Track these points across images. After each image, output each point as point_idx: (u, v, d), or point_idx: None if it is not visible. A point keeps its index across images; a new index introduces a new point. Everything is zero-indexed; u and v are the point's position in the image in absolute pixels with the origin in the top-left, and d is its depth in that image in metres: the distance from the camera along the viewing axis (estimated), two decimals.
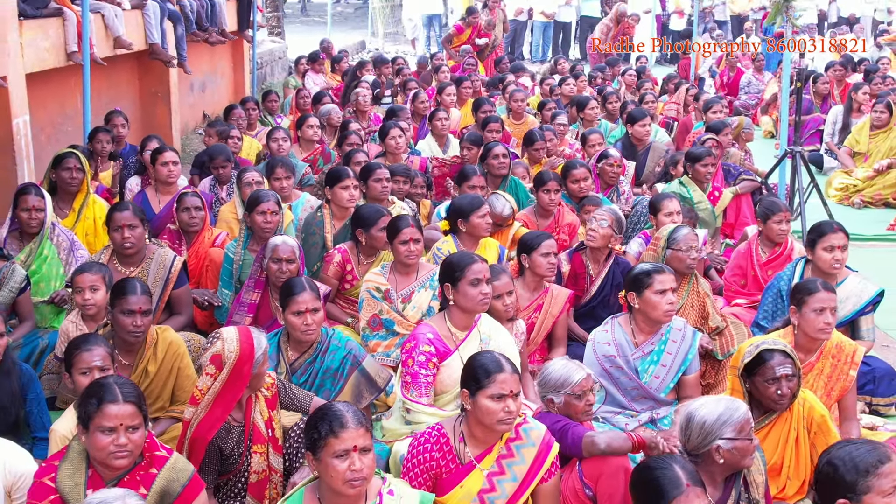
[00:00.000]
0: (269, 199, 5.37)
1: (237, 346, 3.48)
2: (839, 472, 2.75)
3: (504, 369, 3.28)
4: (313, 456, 2.89)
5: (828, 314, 4.12)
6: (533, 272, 4.97)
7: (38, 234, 5.48)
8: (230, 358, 3.46)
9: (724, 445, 3.17)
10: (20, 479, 3.36)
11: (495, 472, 3.33)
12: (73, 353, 3.72)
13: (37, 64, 7.82)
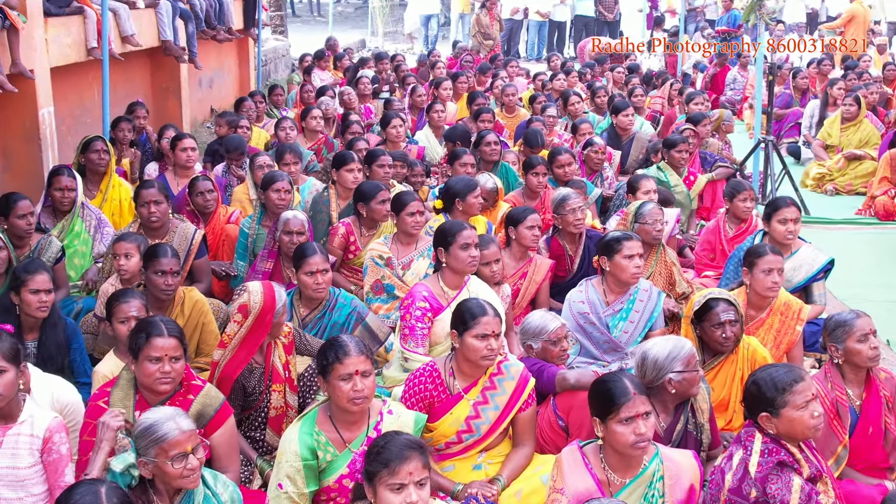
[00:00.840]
0: (282, 179, 5.96)
1: (261, 297, 4.04)
2: (762, 390, 3.31)
3: (487, 313, 3.84)
4: (324, 379, 3.46)
5: (775, 274, 4.69)
6: (519, 243, 5.53)
7: (69, 212, 6.07)
8: (255, 308, 4.02)
9: (675, 377, 3.72)
10: (67, 407, 3.91)
11: (480, 401, 3.89)
12: (112, 305, 4.28)
13: (60, 59, 8.38)
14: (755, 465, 3.21)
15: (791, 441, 3.28)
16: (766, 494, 3.16)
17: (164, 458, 2.99)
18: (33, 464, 3.50)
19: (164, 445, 2.99)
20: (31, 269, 4.47)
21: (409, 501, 2.84)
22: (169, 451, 2.99)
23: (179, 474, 2.99)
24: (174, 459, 2.99)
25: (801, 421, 3.25)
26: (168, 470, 2.99)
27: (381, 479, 2.85)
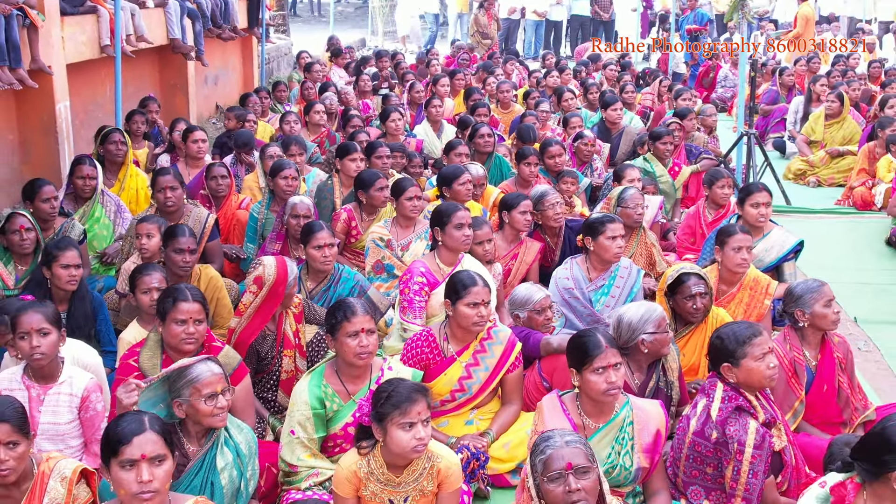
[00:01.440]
0: (290, 167, 6.38)
1: (275, 270, 4.45)
2: (724, 343, 3.72)
3: (477, 283, 4.25)
4: (332, 337, 3.88)
5: (744, 252, 5.10)
6: (511, 226, 5.94)
7: (90, 199, 6.48)
8: (269, 280, 4.43)
9: (647, 338, 4.14)
10: (88, 368, 4.25)
11: (471, 363, 4.30)
12: (136, 277, 4.69)
13: (75, 56, 8.79)
14: (716, 410, 3.63)
15: (749, 390, 3.69)
16: (725, 435, 3.57)
17: (198, 396, 3.39)
18: (72, 420, 3.91)
19: (198, 385, 3.39)
20: (62, 246, 4.89)
21: (418, 437, 3.24)
22: (202, 390, 3.39)
23: (210, 412, 3.40)
24: (206, 398, 3.39)
25: (759, 371, 3.66)
26: (200, 408, 3.39)
27: (393, 419, 3.25)
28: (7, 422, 3.14)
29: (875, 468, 2.94)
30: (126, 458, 2.86)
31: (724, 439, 3.58)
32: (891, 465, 2.91)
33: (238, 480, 3.52)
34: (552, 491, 2.87)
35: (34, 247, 5.41)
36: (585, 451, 2.93)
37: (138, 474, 2.85)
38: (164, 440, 2.93)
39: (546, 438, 2.97)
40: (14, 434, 3.15)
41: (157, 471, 2.87)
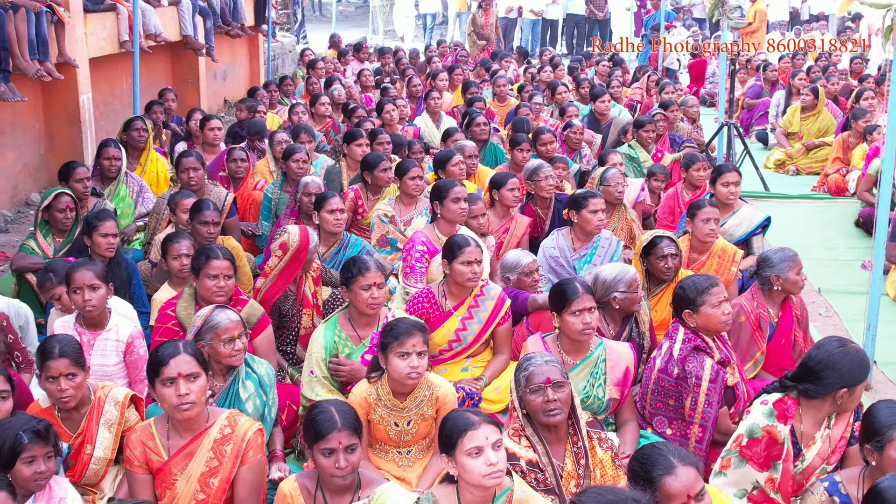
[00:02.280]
0: (301, 150, 6.96)
1: (298, 238, 5.02)
2: (686, 292, 4.29)
3: (471, 244, 4.81)
4: (347, 289, 4.45)
5: (712, 223, 5.68)
6: (501, 203, 6.50)
7: (115, 179, 7.06)
8: (293, 246, 4.99)
9: (619, 296, 4.71)
10: None
11: (466, 317, 4.87)
12: (168, 244, 5.26)
13: (97, 51, 9.38)
14: (678, 350, 4.20)
15: (706, 333, 4.26)
16: (685, 371, 4.15)
17: (217, 340, 3.95)
18: (118, 362, 4.48)
19: (218, 331, 3.95)
20: (101, 217, 5.46)
21: (412, 366, 3.81)
22: (221, 335, 3.95)
23: (228, 353, 3.96)
24: (225, 342, 3.95)
25: (715, 317, 4.23)
26: (220, 350, 3.95)
27: (392, 349, 3.82)
28: (66, 356, 3.70)
29: (816, 388, 3.52)
30: (166, 376, 3.42)
31: (683, 374, 4.15)
32: (833, 386, 3.49)
33: (262, 408, 4.08)
34: (533, 401, 3.44)
35: (73, 221, 5.98)
36: (561, 369, 3.50)
37: (177, 389, 3.41)
38: (197, 360, 3.50)
39: (528, 358, 3.55)
40: (72, 367, 3.71)
41: (192, 386, 3.43)
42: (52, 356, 3.65)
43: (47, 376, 3.66)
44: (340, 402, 3.45)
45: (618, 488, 2.94)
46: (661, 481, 2.77)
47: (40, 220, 6.00)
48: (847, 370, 3.49)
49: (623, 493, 2.60)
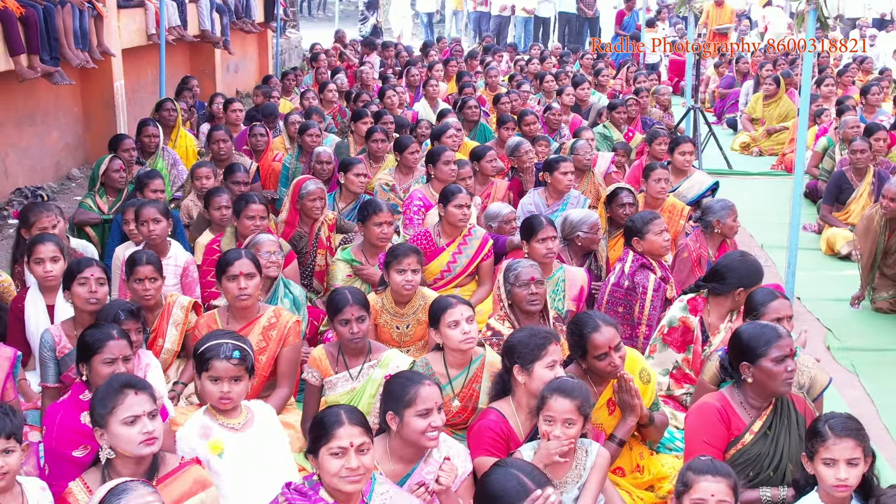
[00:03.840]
0: (314, 126, 8.06)
1: (293, 186, 6.11)
2: (634, 223, 5.30)
3: (462, 191, 5.88)
4: (363, 224, 5.54)
5: (662, 182, 6.76)
6: (482, 172, 7.56)
7: (153, 153, 8.13)
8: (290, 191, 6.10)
9: (581, 235, 5.79)
10: None
11: (456, 252, 5.94)
12: (210, 198, 6.31)
13: (128, 42, 10.47)
14: (628, 267, 5.28)
15: (651, 256, 5.33)
16: (633, 283, 5.21)
17: (259, 252, 4.99)
18: (175, 283, 5.54)
19: (259, 246, 5.01)
20: (151, 175, 6.55)
21: (407, 279, 4.87)
22: (261, 249, 5.00)
23: (266, 264, 4.99)
24: (265, 255, 5.00)
25: (657, 242, 5.30)
26: (260, 262, 5.01)
27: (392, 266, 4.89)
28: (151, 264, 4.76)
29: (720, 287, 4.60)
30: (231, 273, 4.48)
31: (632, 286, 5.23)
32: (732, 286, 4.56)
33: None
34: (519, 293, 4.53)
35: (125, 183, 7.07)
36: (541, 273, 4.60)
37: (238, 284, 4.47)
38: (254, 264, 4.57)
39: (517, 262, 4.66)
40: (154, 273, 4.77)
41: (250, 282, 4.49)
42: (140, 263, 4.71)
43: (135, 279, 4.71)
44: (353, 287, 4.54)
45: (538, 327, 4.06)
46: (589, 337, 3.84)
47: (97, 182, 7.08)
48: (745, 273, 4.58)
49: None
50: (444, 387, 4.09)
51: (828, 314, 6.51)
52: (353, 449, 2.97)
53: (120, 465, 3.16)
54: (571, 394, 3.42)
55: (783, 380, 3.53)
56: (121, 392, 3.19)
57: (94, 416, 3.21)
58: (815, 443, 3.14)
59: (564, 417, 3.40)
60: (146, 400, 3.20)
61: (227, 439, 3.42)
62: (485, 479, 2.85)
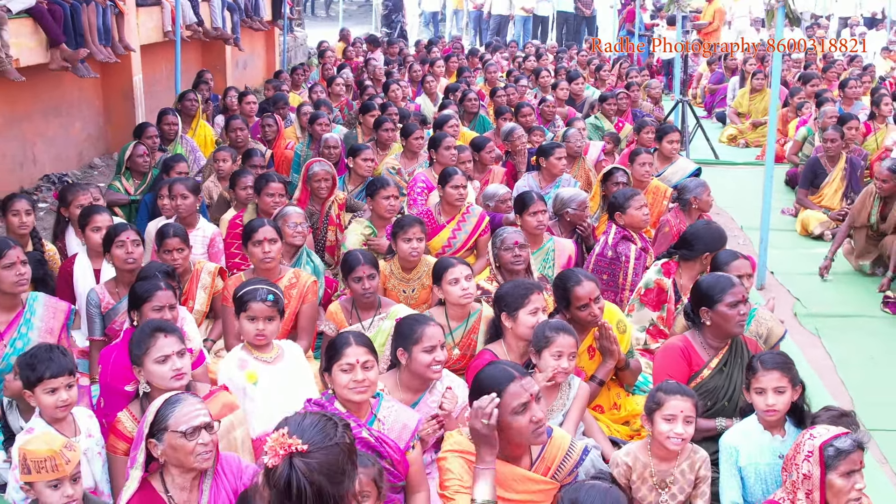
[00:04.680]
0: (324, 116, 8.64)
1: (304, 169, 6.68)
2: (616, 199, 5.92)
3: (458, 173, 6.46)
4: (371, 199, 6.12)
5: (647, 166, 7.34)
6: (482, 162, 8.13)
7: (173, 141, 8.71)
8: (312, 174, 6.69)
9: (570, 211, 6.36)
10: None
11: (456, 228, 6.51)
12: (236, 178, 6.85)
13: (145, 39, 11.03)
14: (612, 239, 5.85)
15: (632, 229, 5.91)
16: (616, 252, 5.79)
17: (285, 224, 5.55)
18: (203, 253, 6.12)
19: (286, 217, 5.59)
20: (177, 159, 7.14)
21: (413, 247, 5.44)
22: (288, 220, 5.58)
23: (292, 233, 5.56)
24: (290, 225, 5.58)
25: (638, 216, 5.88)
26: (286, 230, 5.55)
27: (399, 235, 5.46)
28: (178, 236, 5.33)
29: (689, 252, 5.18)
30: (255, 239, 5.05)
31: (615, 255, 5.81)
32: (700, 251, 5.13)
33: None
34: (504, 255, 5.11)
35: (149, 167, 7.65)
36: (525, 237, 5.17)
37: (263, 248, 5.04)
38: (276, 231, 5.14)
39: (503, 228, 5.23)
40: (181, 244, 5.34)
41: (272, 247, 5.05)
42: (168, 235, 5.28)
43: (164, 250, 5.29)
44: (364, 249, 5.12)
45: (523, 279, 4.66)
46: (572, 290, 4.42)
47: (123, 167, 7.66)
48: (710, 240, 5.15)
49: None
50: (446, 336, 4.66)
51: (797, 286, 7.08)
52: (359, 365, 3.50)
53: (156, 397, 3.70)
54: (573, 332, 4.01)
55: (736, 322, 4.11)
56: (152, 335, 3.75)
57: (132, 357, 3.78)
58: (749, 375, 3.71)
59: (570, 351, 3.96)
60: (175, 341, 3.76)
61: (260, 370, 4.00)
62: (477, 375, 3.40)
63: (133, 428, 3.69)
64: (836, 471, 2.98)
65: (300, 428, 2.35)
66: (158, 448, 3.20)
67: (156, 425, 3.21)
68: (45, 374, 3.61)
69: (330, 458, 2.28)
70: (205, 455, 3.19)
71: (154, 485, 3.25)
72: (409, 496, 3.62)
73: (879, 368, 5.65)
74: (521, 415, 3.16)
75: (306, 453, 2.28)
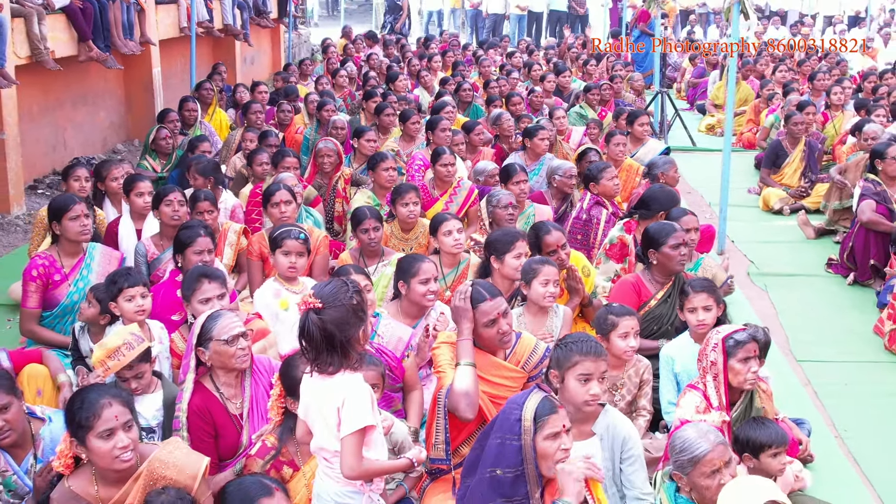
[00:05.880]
0: (330, 103, 9.52)
1: (324, 144, 7.56)
2: (590, 171, 6.80)
3: (447, 153, 7.29)
4: (373, 171, 6.98)
5: (620, 146, 8.21)
6: (471, 144, 9.00)
7: (193, 125, 9.58)
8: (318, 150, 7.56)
9: (557, 178, 7.21)
10: None
11: (448, 201, 7.36)
12: (253, 156, 7.73)
13: (163, 34, 11.90)
14: (586, 204, 6.72)
15: (604, 196, 6.78)
16: (590, 216, 6.64)
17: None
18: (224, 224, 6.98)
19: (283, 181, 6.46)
20: (201, 140, 8.02)
21: (409, 210, 6.28)
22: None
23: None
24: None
25: (609, 186, 6.77)
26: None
27: (397, 201, 6.30)
28: (208, 200, 6.20)
29: (647, 212, 6.04)
30: (273, 202, 5.92)
31: (588, 218, 6.67)
32: (655, 210, 5.99)
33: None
34: (501, 213, 5.98)
35: (172, 148, 8.52)
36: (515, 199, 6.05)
37: (280, 209, 5.91)
38: (291, 193, 6.00)
39: (498, 191, 6.13)
40: (211, 206, 6.20)
41: (288, 208, 5.92)
42: (199, 199, 6.14)
43: (196, 212, 6.14)
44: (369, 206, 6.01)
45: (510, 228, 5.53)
46: (543, 238, 5.27)
47: (149, 148, 8.53)
48: (664, 200, 6.01)
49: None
50: (440, 281, 5.52)
51: (753, 251, 7.96)
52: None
53: None
54: (555, 264, 4.85)
55: (678, 261, 4.97)
56: (198, 280, 4.61)
57: (183, 295, 4.63)
58: (683, 298, 4.57)
59: (554, 279, 4.79)
60: (218, 287, 4.61)
61: (290, 299, 4.87)
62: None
63: (183, 346, 4.54)
64: (735, 357, 3.83)
65: (321, 292, 3.15)
66: (206, 354, 4.04)
67: (202, 336, 4.05)
68: (125, 285, 4.47)
69: (339, 314, 3.06)
70: (243, 357, 4.03)
71: (206, 385, 4.09)
72: (406, 394, 4.50)
73: (814, 315, 6.53)
74: (489, 327, 3.98)
75: (321, 309, 3.09)
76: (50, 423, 3.72)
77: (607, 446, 3.67)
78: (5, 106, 8.32)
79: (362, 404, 3.00)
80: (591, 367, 3.52)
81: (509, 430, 3.08)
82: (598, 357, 3.55)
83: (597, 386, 3.52)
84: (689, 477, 3.33)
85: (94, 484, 3.14)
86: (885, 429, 4.95)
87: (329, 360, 3.04)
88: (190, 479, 3.15)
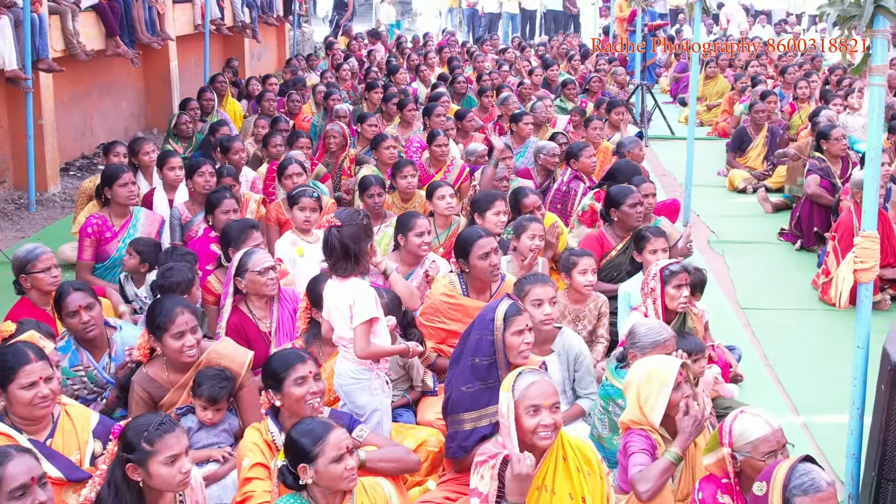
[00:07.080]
0: (336, 92, 10.45)
1: (331, 126, 8.48)
2: (571, 149, 7.74)
3: (441, 134, 8.22)
4: (375, 150, 7.90)
5: (598, 130, 9.15)
6: (463, 129, 9.92)
7: (210, 113, 10.50)
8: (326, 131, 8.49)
9: (542, 157, 8.11)
10: None
11: (443, 178, 8.28)
12: (268, 138, 8.65)
13: (180, 31, 12.82)
14: (566, 178, 7.64)
15: (582, 171, 7.69)
16: (568, 188, 7.55)
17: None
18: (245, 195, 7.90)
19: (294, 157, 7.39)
20: (221, 124, 8.93)
21: (407, 182, 7.20)
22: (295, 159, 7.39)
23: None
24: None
25: (588, 162, 7.69)
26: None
27: (397, 174, 7.19)
28: (230, 175, 7.11)
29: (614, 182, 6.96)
30: (286, 174, 6.84)
31: (567, 190, 7.58)
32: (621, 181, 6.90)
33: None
34: (497, 185, 6.89)
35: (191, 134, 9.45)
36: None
37: (292, 181, 6.82)
38: (302, 167, 6.93)
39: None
40: (233, 181, 7.12)
41: (299, 179, 6.83)
42: (223, 175, 7.06)
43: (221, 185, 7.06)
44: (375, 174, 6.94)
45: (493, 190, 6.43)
46: (521, 200, 6.19)
47: (171, 132, 9.45)
48: (629, 171, 6.92)
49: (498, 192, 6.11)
50: (434, 240, 6.44)
51: (715, 223, 8.90)
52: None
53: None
54: (540, 220, 5.75)
55: (635, 217, 5.90)
56: (246, 231, 5.53)
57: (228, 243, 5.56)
58: (644, 242, 5.49)
59: (539, 233, 5.67)
60: (260, 236, 5.55)
61: (305, 247, 5.80)
62: (458, 235, 5.14)
63: (219, 287, 5.46)
64: (670, 284, 4.75)
65: (339, 215, 4.08)
66: (242, 283, 4.97)
67: (239, 268, 4.98)
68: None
69: (353, 230, 3.98)
70: (272, 285, 4.96)
71: (241, 308, 5.02)
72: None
73: (762, 273, 7.46)
74: (483, 260, 4.90)
75: (340, 227, 4.02)
76: (120, 330, 4.61)
77: (563, 360, 4.60)
78: (43, 94, 9.24)
79: (368, 302, 3.93)
80: (541, 293, 4.45)
81: (485, 328, 3.99)
82: (544, 284, 4.48)
83: (549, 307, 4.45)
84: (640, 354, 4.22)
85: (166, 371, 4.05)
86: (809, 359, 5.88)
87: (344, 266, 3.98)
88: (238, 366, 4.07)
